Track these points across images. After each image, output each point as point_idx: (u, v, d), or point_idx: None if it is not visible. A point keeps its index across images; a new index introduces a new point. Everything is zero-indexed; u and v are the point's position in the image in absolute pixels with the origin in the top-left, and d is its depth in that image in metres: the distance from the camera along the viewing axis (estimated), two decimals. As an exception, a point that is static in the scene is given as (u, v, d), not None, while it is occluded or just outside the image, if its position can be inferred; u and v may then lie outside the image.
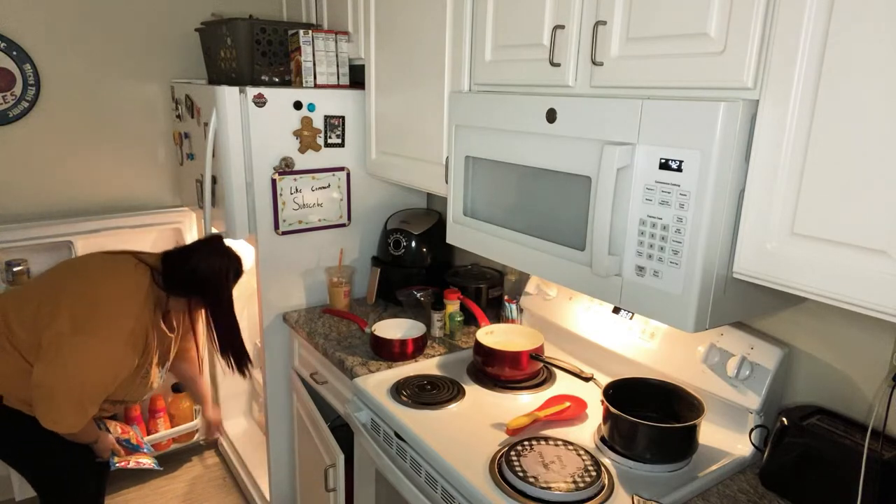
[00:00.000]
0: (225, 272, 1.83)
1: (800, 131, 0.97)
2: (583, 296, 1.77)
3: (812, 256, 0.97)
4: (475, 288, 2.10)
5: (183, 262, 1.81)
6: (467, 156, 1.58)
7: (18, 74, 2.29)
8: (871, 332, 1.26)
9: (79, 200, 2.52)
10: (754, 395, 1.36)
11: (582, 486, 1.23)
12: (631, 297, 1.20)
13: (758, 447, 1.37)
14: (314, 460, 2.03)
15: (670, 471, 1.33)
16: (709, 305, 1.11)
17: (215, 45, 2.29)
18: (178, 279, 1.80)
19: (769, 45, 0.98)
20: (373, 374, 1.72)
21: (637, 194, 1.15)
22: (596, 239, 1.20)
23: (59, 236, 2.38)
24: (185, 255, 1.82)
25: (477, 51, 1.60)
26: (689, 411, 1.40)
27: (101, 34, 2.44)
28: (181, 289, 1.81)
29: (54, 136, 2.42)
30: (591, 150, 1.21)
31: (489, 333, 1.78)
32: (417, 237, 2.22)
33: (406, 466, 1.48)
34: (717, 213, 1.06)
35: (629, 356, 1.62)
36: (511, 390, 1.66)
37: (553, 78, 1.38)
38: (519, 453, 1.33)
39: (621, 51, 1.23)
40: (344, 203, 2.26)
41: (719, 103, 1.00)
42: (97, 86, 2.47)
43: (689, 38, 1.09)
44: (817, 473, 1.21)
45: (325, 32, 2.12)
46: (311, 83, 2.12)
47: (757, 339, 1.40)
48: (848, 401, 1.32)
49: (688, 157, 1.05)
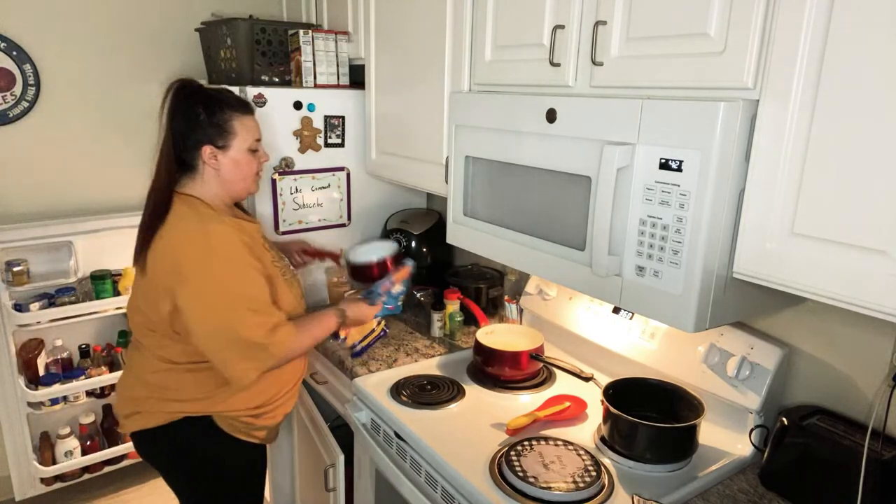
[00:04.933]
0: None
1: (800, 131, 0.97)
2: (583, 296, 1.77)
3: (812, 256, 0.97)
4: (475, 288, 2.10)
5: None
6: (467, 156, 1.58)
7: (18, 74, 2.29)
8: (871, 332, 1.26)
9: (79, 200, 2.51)
10: (754, 395, 1.36)
11: (582, 486, 1.23)
12: (631, 297, 1.20)
13: (758, 447, 1.37)
14: (314, 460, 2.03)
15: (670, 471, 1.33)
16: (709, 305, 1.11)
17: (215, 45, 2.29)
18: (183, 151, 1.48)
19: (769, 45, 0.98)
20: (373, 374, 1.72)
21: (637, 194, 1.15)
22: (596, 239, 1.20)
23: (59, 236, 2.38)
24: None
25: (477, 51, 1.60)
26: (689, 411, 1.39)
27: (102, 34, 2.43)
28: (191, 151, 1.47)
29: (54, 136, 2.42)
30: (591, 150, 1.21)
31: (489, 333, 1.78)
32: (417, 237, 2.22)
33: (406, 466, 1.48)
34: (717, 213, 1.06)
35: (629, 356, 1.62)
36: (511, 390, 1.66)
37: (553, 78, 1.38)
38: (519, 453, 1.33)
39: (621, 51, 1.23)
40: (344, 203, 2.26)
41: (719, 103, 1.00)
42: (97, 86, 2.46)
43: (689, 38, 1.09)
44: (817, 473, 1.21)
45: (325, 32, 2.12)
46: (311, 83, 2.12)
47: (757, 339, 1.40)
48: (848, 401, 1.32)
49: (688, 157, 1.05)
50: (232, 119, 1.46)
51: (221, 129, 1.46)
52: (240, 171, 1.50)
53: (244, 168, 1.50)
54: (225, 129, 1.46)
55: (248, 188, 1.55)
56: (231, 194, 1.53)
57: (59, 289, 2.38)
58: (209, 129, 1.45)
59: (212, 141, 1.45)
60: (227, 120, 1.46)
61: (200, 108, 1.44)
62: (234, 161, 1.48)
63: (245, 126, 1.49)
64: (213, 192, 1.50)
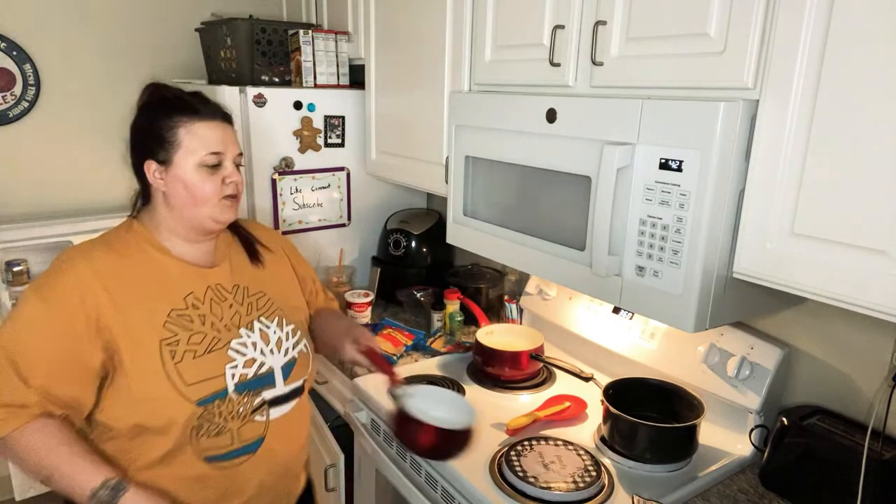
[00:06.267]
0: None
1: (800, 131, 0.97)
2: (583, 296, 1.77)
3: (812, 256, 0.97)
4: (475, 288, 2.10)
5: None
6: (467, 156, 1.58)
7: (18, 74, 2.29)
8: (871, 332, 1.26)
9: (79, 200, 2.51)
10: (754, 395, 1.36)
11: (582, 486, 1.23)
12: (631, 297, 1.20)
13: (758, 447, 1.37)
14: (314, 460, 2.03)
15: (670, 471, 1.33)
16: (709, 305, 1.11)
17: (215, 45, 2.29)
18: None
19: (769, 45, 0.98)
20: (373, 374, 1.72)
21: (637, 194, 1.15)
22: (596, 239, 1.20)
23: (59, 236, 2.37)
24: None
25: (477, 51, 1.60)
26: (689, 411, 1.39)
27: (102, 34, 2.43)
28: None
29: (54, 136, 2.41)
30: (591, 150, 1.21)
31: (489, 333, 1.78)
32: (417, 237, 2.22)
33: (406, 466, 1.48)
34: (717, 213, 1.06)
35: (629, 356, 1.62)
36: (511, 390, 1.66)
37: (553, 78, 1.38)
38: (519, 453, 1.33)
39: (621, 51, 1.23)
40: (344, 203, 2.26)
41: (719, 103, 1.00)
42: (97, 86, 2.46)
43: (689, 38, 1.09)
44: (817, 473, 1.21)
45: (325, 32, 2.12)
46: (311, 83, 2.12)
47: (757, 339, 1.40)
48: (848, 401, 1.32)
49: (688, 157, 1.05)
50: (177, 125, 1.12)
51: (161, 138, 1.13)
52: (190, 194, 1.13)
53: (196, 190, 1.13)
54: (166, 139, 1.13)
55: (212, 215, 1.16)
56: (186, 224, 1.16)
57: (59, 289, 2.38)
58: (149, 139, 1.14)
59: (153, 154, 1.14)
60: (170, 126, 1.12)
61: (144, 114, 1.17)
62: (179, 181, 1.13)
63: (194, 134, 1.13)
64: (159, 219, 1.17)
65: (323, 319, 1.45)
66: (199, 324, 1.15)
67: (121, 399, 1.08)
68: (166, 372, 1.09)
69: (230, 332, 1.18)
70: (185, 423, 1.09)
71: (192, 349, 1.12)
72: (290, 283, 1.39)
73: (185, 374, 1.10)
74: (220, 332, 1.17)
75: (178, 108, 1.15)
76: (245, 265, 1.29)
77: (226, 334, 1.17)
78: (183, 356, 1.11)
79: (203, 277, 1.20)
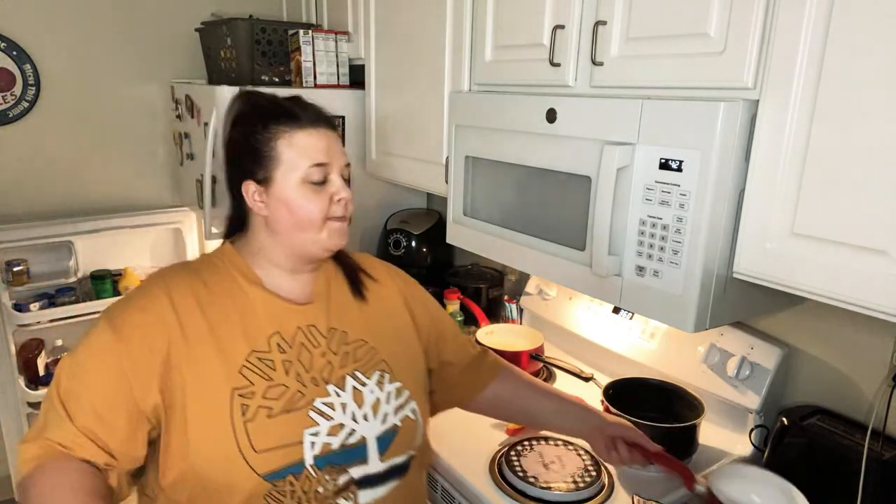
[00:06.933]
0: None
1: (800, 131, 0.96)
2: (583, 296, 1.77)
3: (812, 256, 0.97)
4: (475, 288, 2.10)
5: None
6: (467, 156, 1.58)
7: (18, 74, 2.29)
8: (871, 332, 1.26)
9: (79, 200, 2.51)
10: (754, 395, 1.36)
11: (582, 486, 1.23)
12: (631, 297, 1.20)
13: (758, 447, 1.37)
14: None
15: (670, 471, 1.33)
16: (709, 305, 1.11)
17: (215, 45, 2.29)
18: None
19: (769, 45, 0.98)
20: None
21: (637, 194, 1.15)
22: (596, 239, 1.20)
23: (59, 236, 2.38)
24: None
25: (477, 51, 1.60)
26: (689, 411, 1.39)
27: (101, 34, 2.43)
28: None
29: (54, 136, 2.41)
30: (591, 150, 1.21)
31: (489, 333, 1.78)
32: (417, 237, 2.22)
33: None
34: (717, 213, 1.06)
35: (629, 356, 1.62)
36: (511, 390, 1.66)
37: (553, 78, 1.38)
38: (519, 453, 1.33)
39: (621, 51, 1.23)
40: (344, 203, 2.25)
41: (719, 103, 1.00)
42: (97, 86, 2.46)
43: (689, 38, 1.09)
44: (817, 473, 1.21)
45: (325, 32, 2.12)
46: (311, 83, 2.12)
47: (757, 339, 1.40)
48: (848, 401, 1.32)
49: (688, 157, 1.05)
50: (275, 137, 0.97)
51: (258, 153, 0.97)
52: (294, 216, 0.97)
53: (301, 211, 0.97)
54: (263, 154, 0.97)
55: (320, 241, 1.00)
56: (289, 251, 1.01)
57: (59, 289, 2.37)
58: (244, 156, 0.99)
59: (251, 173, 0.98)
60: (267, 139, 0.97)
61: (238, 127, 1.01)
62: (282, 202, 0.97)
63: (294, 146, 0.97)
64: (258, 247, 1.02)
65: (534, 394, 1.25)
66: (281, 373, 0.95)
67: (174, 456, 0.90)
68: (234, 430, 0.89)
69: (317, 387, 0.97)
70: (245, 501, 0.89)
71: (268, 406, 0.92)
72: (402, 329, 1.14)
73: (255, 437, 0.89)
74: (304, 387, 0.96)
75: (274, 116, 0.99)
76: (347, 304, 1.08)
77: (312, 390, 0.96)
78: (256, 414, 0.91)
79: (294, 315, 1.00)
